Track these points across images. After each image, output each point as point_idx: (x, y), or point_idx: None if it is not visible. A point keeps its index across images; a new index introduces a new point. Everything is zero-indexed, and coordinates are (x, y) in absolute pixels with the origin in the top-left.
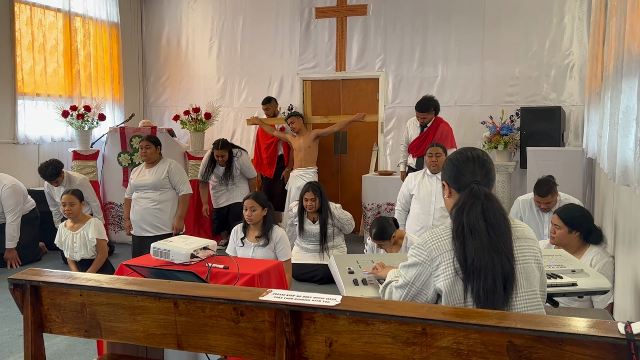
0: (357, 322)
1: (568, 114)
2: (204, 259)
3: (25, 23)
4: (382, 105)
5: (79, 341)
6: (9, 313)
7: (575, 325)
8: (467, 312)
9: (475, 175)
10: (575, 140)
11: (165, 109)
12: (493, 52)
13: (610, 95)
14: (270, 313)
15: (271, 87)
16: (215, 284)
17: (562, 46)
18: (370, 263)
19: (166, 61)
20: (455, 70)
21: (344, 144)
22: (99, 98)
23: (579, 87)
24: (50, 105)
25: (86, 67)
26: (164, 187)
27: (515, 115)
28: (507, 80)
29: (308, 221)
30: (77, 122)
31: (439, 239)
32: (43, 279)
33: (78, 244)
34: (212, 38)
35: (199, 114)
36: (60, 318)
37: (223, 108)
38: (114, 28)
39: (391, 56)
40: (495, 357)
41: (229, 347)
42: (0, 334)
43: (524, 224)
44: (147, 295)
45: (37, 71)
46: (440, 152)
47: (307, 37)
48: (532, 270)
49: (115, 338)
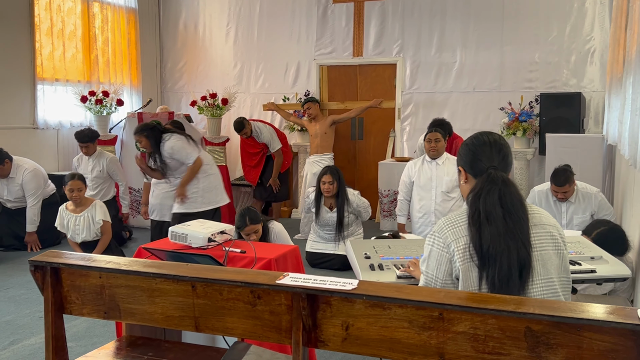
0: (374, 307)
1: (588, 100)
2: (221, 243)
3: (44, 8)
4: (400, 91)
5: (98, 323)
6: (30, 295)
7: (594, 311)
8: (484, 298)
9: (492, 160)
10: (596, 126)
11: (182, 95)
12: (513, 37)
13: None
14: (287, 296)
15: (288, 73)
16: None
17: (583, 31)
18: (386, 248)
19: (183, 47)
20: (474, 56)
21: (360, 130)
22: (117, 83)
23: (600, 73)
24: (69, 90)
25: (104, 52)
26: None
27: (534, 101)
28: (527, 66)
29: (325, 209)
30: (96, 108)
31: (454, 224)
32: (63, 261)
33: (81, 226)
34: (229, 23)
35: (216, 100)
36: (80, 300)
37: (240, 94)
38: (131, 13)
39: (409, 41)
40: (513, 343)
41: (246, 329)
42: (21, 315)
43: (543, 210)
44: (165, 277)
45: (56, 56)
46: (440, 138)
47: (324, 22)
48: (550, 257)
49: (134, 320)
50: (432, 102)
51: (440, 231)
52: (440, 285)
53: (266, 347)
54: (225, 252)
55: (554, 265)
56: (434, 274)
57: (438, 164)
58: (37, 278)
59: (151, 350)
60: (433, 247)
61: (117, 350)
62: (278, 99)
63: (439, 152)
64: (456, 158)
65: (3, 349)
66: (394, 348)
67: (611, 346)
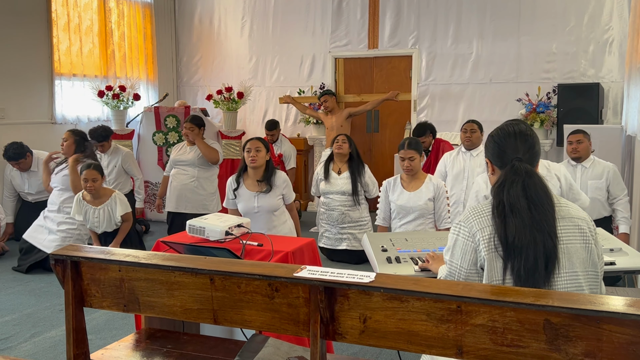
0: (391, 299)
1: (607, 91)
2: (239, 236)
3: (61, 4)
4: (415, 83)
5: (118, 316)
6: (50, 289)
7: (614, 303)
8: (502, 290)
9: (518, 151)
10: (614, 117)
11: (198, 89)
12: (530, 28)
13: None
14: (304, 289)
15: (303, 66)
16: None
17: (601, 21)
18: (403, 241)
19: (199, 41)
20: (491, 47)
21: (376, 122)
22: (133, 78)
23: (619, 63)
24: (86, 85)
25: (120, 47)
26: (203, 165)
27: (552, 92)
28: (544, 57)
29: (333, 174)
30: (113, 102)
31: (480, 214)
32: (83, 255)
33: (100, 219)
34: (244, 17)
35: (232, 94)
36: (99, 293)
37: (255, 87)
38: (147, 8)
39: (425, 33)
40: (532, 335)
41: (264, 322)
42: (42, 308)
43: (572, 204)
44: (184, 270)
45: (73, 52)
46: (475, 128)
47: (339, 14)
48: (577, 250)
49: (153, 313)
50: (448, 94)
51: (466, 220)
52: (464, 275)
53: (284, 340)
54: (242, 245)
55: (580, 258)
56: (459, 263)
57: (472, 155)
58: (57, 271)
59: (170, 342)
60: (459, 236)
61: (137, 343)
62: (293, 92)
63: (474, 143)
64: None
65: (24, 341)
66: (411, 340)
67: (631, 339)
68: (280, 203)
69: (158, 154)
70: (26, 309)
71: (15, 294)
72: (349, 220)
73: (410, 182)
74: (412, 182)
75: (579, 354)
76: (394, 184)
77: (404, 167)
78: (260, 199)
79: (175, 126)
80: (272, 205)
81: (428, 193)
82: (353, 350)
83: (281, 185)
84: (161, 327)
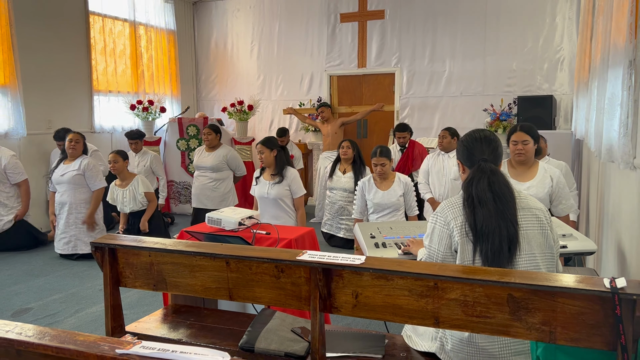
0: (379, 278)
1: (559, 102)
2: (250, 226)
3: (99, 32)
4: (398, 96)
5: (148, 294)
6: (91, 271)
7: (567, 280)
8: (472, 270)
9: (484, 153)
10: (565, 124)
11: (214, 102)
12: (494, 49)
13: (597, 84)
14: (305, 270)
15: (303, 82)
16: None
17: (554, 43)
18: (388, 229)
19: (215, 62)
20: (461, 65)
21: (365, 129)
22: (160, 93)
23: (569, 78)
24: (120, 100)
25: (149, 67)
26: (220, 169)
27: (513, 103)
28: (506, 73)
29: (339, 172)
30: (143, 114)
31: (453, 206)
32: (119, 243)
33: (127, 198)
34: (252, 41)
35: (243, 106)
36: (132, 274)
37: (263, 101)
38: (171, 34)
39: (405, 54)
40: (497, 307)
41: (272, 298)
42: (84, 288)
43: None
44: (203, 255)
45: (109, 72)
46: (446, 135)
47: (333, 38)
48: (534, 235)
49: (178, 291)
50: (425, 105)
51: (441, 211)
52: (441, 257)
53: (289, 313)
54: (253, 234)
55: (537, 242)
56: (437, 247)
57: (449, 157)
58: (97, 257)
59: (192, 316)
60: (436, 224)
61: (164, 317)
62: (295, 104)
63: (445, 147)
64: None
65: (70, 316)
66: (396, 313)
67: (581, 309)
68: (287, 193)
69: (181, 158)
70: (71, 289)
71: (62, 276)
72: (346, 213)
73: (382, 183)
74: (384, 183)
75: (537, 322)
76: (369, 185)
77: (377, 172)
78: (271, 187)
79: (195, 134)
80: (279, 193)
81: (399, 190)
82: (347, 322)
83: (289, 177)
84: (185, 303)
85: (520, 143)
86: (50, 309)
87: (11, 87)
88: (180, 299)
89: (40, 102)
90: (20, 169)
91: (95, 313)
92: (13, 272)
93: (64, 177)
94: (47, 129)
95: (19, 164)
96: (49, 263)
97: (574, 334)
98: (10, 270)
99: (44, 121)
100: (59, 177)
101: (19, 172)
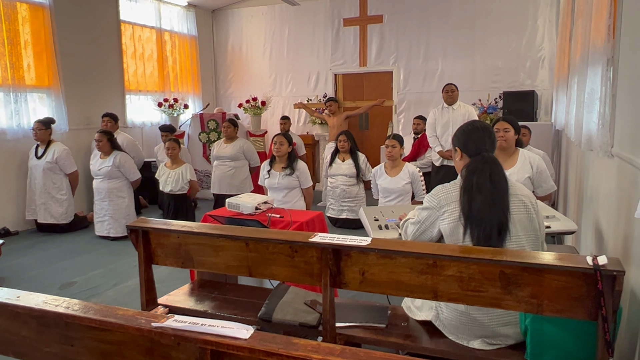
0: (384, 257)
1: (540, 96)
2: (265, 210)
3: (129, 38)
4: (396, 92)
5: (177, 270)
6: (127, 250)
7: (552, 258)
8: (468, 249)
9: (485, 143)
10: (546, 116)
11: (231, 99)
12: (481, 49)
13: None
14: (317, 250)
15: (310, 80)
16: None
17: (535, 43)
18: (390, 212)
19: (232, 63)
20: (452, 63)
21: (366, 122)
22: (183, 92)
23: (549, 75)
24: (149, 98)
25: (173, 69)
26: (238, 158)
27: (498, 97)
28: (493, 70)
29: (338, 160)
30: (169, 111)
31: (448, 191)
32: (151, 226)
33: (172, 179)
34: (265, 44)
35: (257, 102)
36: (163, 253)
37: (274, 97)
38: (193, 39)
39: (402, 54)
40: (490, 283)
41: (287, 275)
42: (121, 264)
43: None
44: (225, 237)
45: (139, 74)
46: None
47: (337, 41)
48: (521, 219)
49: (203, 268)
50: (420, 100)
51: (436, 195)
52: (423, 228)
53: (302, 288)
54: (268, 217)
55: (522, 225)
56: (423, 220)
57: (453, 109)
58: (132, 238)
59: (216, 290)
60: (429, 204)
61: (192, 290)
62: (303, 100)
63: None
64: (452, 139)
65: (109, 289)
66: (399, 288)
67: (565, 284)
68: (295, 183)
69: (203, 149)
70: (109, 265)
71: (102, 254)
72: (348, 195)
73: (392, 169)
74: (393, 169)
75: (526, 296)
76: (380, 171)
77: (387, 152)
78: (281, 178)
79: (215, 127)
80: (288, 183)
81: (405, 178)
82: (352, 294)
83: (299, 170)
84: (210, 278)
85: (502, 130)
86: (92, 282)
87: (54, 88)
88: (206, 275)
89: (80, 101)
90: (71, 161)
91: (131, 286)
92: (59, 250)
93: (101, 171)
94: (86, 125)
95: (70, 157)
96: (90, 242)
97: (559, 306)
98: (57, 248)
99: (83, 117)
100: (96, 170)
101: (70, 164)
